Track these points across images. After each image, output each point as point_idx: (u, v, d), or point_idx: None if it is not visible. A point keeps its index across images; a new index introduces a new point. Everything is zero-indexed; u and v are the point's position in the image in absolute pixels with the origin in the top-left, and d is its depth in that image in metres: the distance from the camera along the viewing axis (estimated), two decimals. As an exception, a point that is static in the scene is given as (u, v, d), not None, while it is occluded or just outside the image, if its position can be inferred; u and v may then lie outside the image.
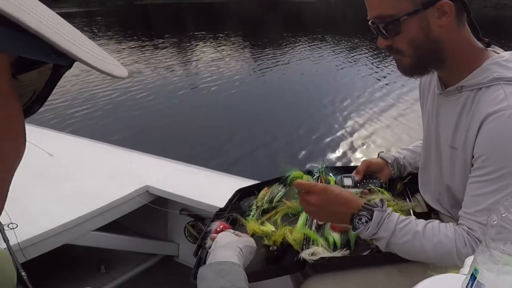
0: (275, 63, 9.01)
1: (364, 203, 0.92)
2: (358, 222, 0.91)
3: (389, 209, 0.93)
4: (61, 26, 0.26)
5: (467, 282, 0.47)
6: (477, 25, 0.92)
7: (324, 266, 0.97)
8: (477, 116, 0.87)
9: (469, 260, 0.53)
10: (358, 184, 1.16)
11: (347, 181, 1.16)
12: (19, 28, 0.22)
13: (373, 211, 0.90)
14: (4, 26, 0.22)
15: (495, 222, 0.46)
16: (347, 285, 1.01)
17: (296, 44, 11.26)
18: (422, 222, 0.92)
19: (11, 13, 0.21)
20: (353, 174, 1.19)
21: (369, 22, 0.93)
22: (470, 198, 0.89)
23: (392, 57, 0.97)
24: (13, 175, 0.29)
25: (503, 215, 0.45)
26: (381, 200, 0.93)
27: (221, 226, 1.03)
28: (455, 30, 0.89)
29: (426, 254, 0.89)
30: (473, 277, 0.46)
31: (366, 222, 0.90)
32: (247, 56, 10.35)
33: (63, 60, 0.26)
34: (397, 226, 0.89)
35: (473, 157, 0.89)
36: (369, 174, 1.21)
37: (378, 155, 1.27)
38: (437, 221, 0.94)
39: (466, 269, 0.53)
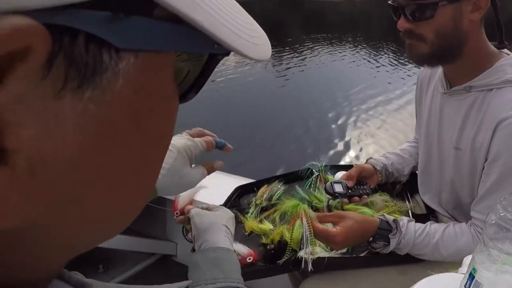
0: (291, 63, 8.87)
1: (379, 227, 0.95)
2: (376, 243, 0.96)
3: (403, 224, 0.96)
4: (228, 12, 0.22)
5: (465, 281, 0.47)
6: (503, 27, 0.91)
7: (323, 265, 0.97)
8: (490, 120, 0.85)
9: (467, 260, 0.53)
10: (349, 190, 1.13)
11: (338, 188, 1.12)
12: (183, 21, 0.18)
13: (388, 238, 0.94)
14: (172, 23, 0.18)
15: (493, 222, 0.46)
16: (346, 285, 1.01)
17: (316, 45, 11.07)
18: (439, 230, 0.95)
19: (188, 13, 0.18)
20: (342, 179, 1.16)
21: (391, 2, 0.89)
22: (486, 202, 0.90)
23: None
24: None
25: (501, 214, 0.45)
26: (394, 221, 0.96)
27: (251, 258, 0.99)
28: (478, 28, 0.88)
29: (446, 259, 0.95)
30: (471, 276, 0.46)
31: (384, 245, 0.96)
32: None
33: (224, 50, 0.22)
34: (415, 241, 0.95)
35: (486, 160, 0.88)
36: (359, 179, 1.17)
37: (367, 161, 1.25)
38: (451, 226, 0.96)
39: (464, 268, 0.53)
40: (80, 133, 0.16)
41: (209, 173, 0.75)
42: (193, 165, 0.71)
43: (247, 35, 0.23)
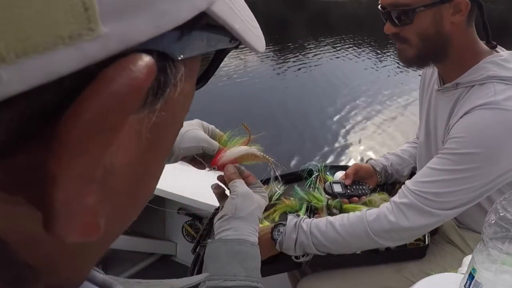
0: (293, 64, 8.81)
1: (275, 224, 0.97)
2: (277, 234, 0.94)
3: (304, 216, 0.98)
4: (248, 14, 0.23)
5: (465, 281, 0.47)
6: (489, 28, 0.93)
7: (321, 265, 0.97)
8: (462, 110, 0.88)
9: (467, 260, 0.54)
10: (348, 191, 1.12)
11: (337, 188, 1.12)
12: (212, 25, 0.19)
13: (286, 220, 0.96)
14: (208, 29, 0.19)
15: (493, 222, 0.46)
16: (344, 283, 1.01)
17: (319, 45, 10.98)
18: (335, 216, 0.97)
19: (232, 24, 0.20)
20: (342, 180, 1.16)
21: (380, 7, 0.93)
22: (424, 170, 0.91)
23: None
24: None
25: (501, 214, 0.45)
26: (297, 215, 0.99)
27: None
28: (464, 29, 0.90)
29: (349, 244, 0.92)
30: (471, 276, 0.46)
31: (282, 225, 0.95)
32: (268, 56, 10.13)
33: (235, 44, 0.23)
34: (311, 224, 0.93)
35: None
36: (358, 179, 1.18)
37: (367, 161, 1.26)
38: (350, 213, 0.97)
39: (464, 268, 0.53)
40: (139, 140, 0.17)
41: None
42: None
43: (256, 30, 0.25)
